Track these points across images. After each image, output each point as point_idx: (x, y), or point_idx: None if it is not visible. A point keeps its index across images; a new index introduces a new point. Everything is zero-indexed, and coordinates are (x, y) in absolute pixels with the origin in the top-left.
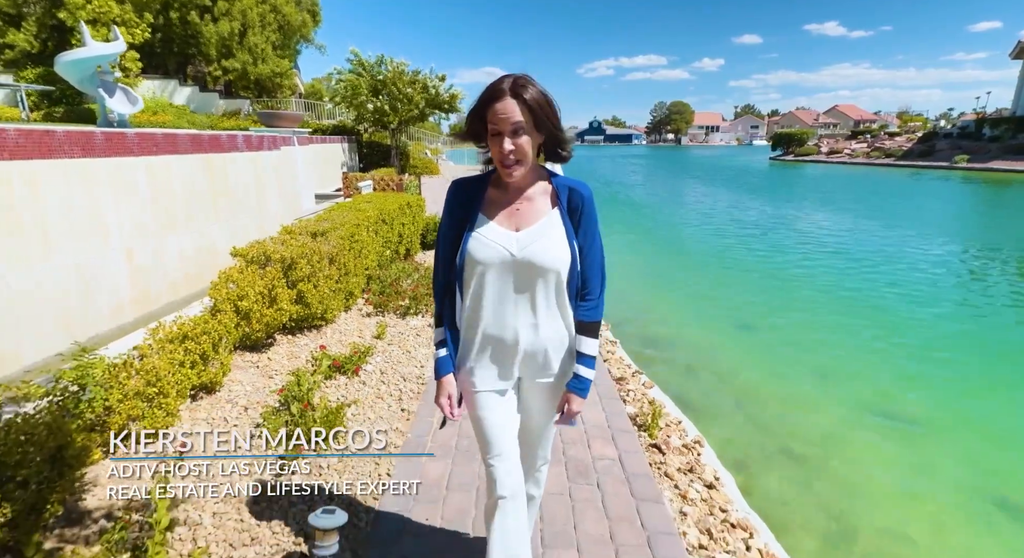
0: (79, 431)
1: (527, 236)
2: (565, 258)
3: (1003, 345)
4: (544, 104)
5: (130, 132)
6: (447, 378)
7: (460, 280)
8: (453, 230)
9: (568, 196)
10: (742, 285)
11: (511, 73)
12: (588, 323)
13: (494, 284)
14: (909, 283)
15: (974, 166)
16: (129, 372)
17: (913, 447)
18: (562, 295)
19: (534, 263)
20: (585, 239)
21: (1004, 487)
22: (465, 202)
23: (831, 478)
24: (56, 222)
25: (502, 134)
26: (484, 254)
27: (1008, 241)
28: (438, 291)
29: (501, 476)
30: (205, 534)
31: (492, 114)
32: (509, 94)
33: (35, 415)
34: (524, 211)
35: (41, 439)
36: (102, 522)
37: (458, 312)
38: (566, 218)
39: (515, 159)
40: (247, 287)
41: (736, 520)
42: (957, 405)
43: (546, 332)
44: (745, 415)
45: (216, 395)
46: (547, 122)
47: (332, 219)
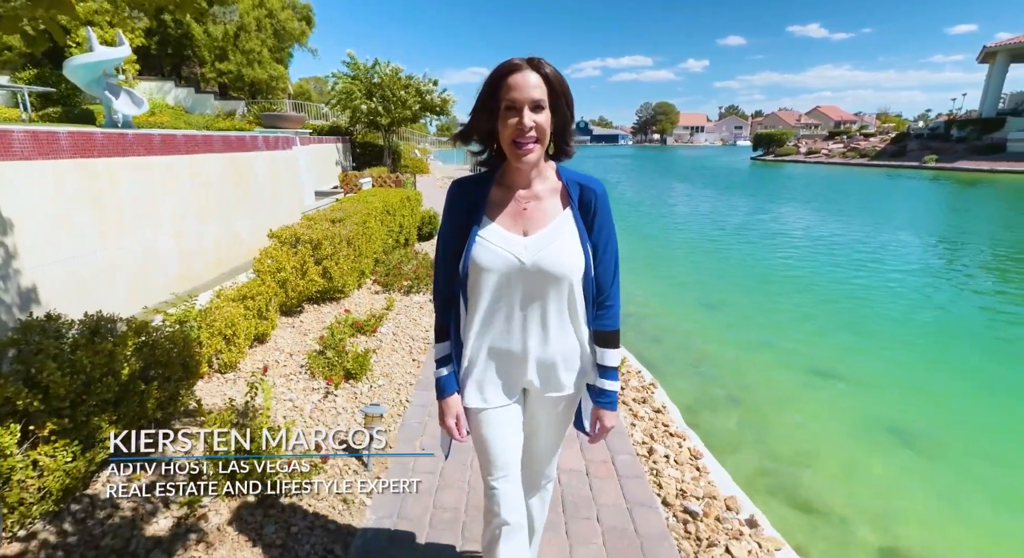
0: (194, 348)
1: (537, 241)
2: (579, 264)
3: (927, 319)
4: (563, 82)
5: (179, 134)
6: (452, 398)
7: (464, 290)
8: (455, 235)
9: (580, 193)
10: (709, 270)
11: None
12: (608, 332)
13: (501, 294)
14: (853, 267)
15: (942, 166)
16: (214, 316)
17: (834, 396)
18: (575, 304)
19: (545, 270)
20: (600, 240)
21: (901, 421)
22: (467, 204)
23: (760, 416)
24: (127, 210)
25: (519, 109)
26: (490, 262)
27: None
28: (440, 303)
29: (505, 500)
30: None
31: (507, 88)
32: (528, 67)
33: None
34: (532, 212)
35: (178, 349)
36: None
37: (462, 324)
38: (579, 218)
39: (534, 136)
40: (284, 262)
41: (675, 431)
42: (880, 366)
43: (558, 345)
44: (698, 373)
45: (267, 344)
46: (564, 104)
47: (345, 209)
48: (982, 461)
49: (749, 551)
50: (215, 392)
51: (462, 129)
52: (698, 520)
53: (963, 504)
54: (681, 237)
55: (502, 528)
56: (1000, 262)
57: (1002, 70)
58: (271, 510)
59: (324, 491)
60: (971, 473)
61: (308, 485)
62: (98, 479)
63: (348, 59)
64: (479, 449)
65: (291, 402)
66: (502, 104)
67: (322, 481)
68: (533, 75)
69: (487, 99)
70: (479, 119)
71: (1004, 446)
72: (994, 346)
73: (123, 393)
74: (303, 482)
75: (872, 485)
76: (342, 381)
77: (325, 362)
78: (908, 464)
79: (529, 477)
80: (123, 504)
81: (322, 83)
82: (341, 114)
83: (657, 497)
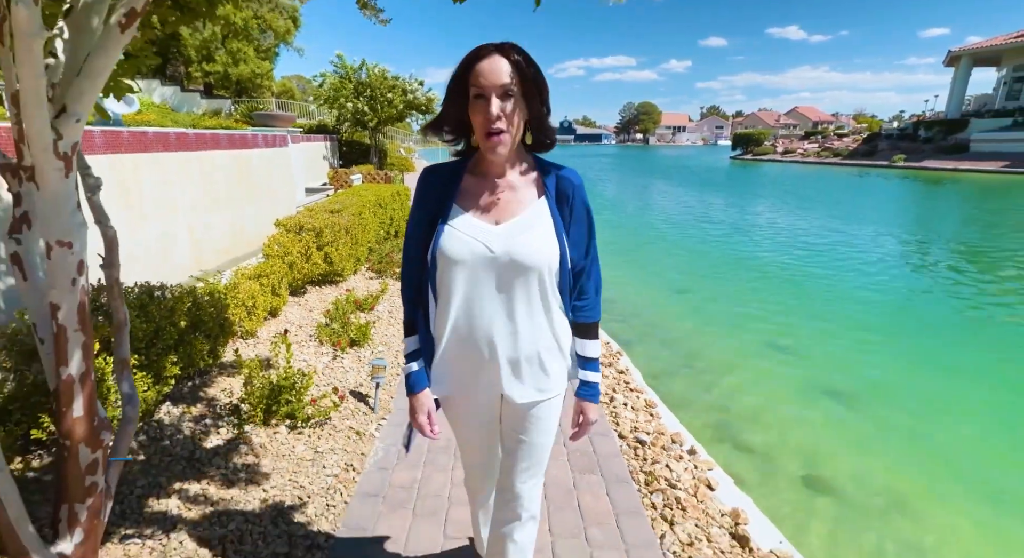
0: (228, 312)
1: (509, 230)
2: (552, 254)
3: (876, 300)
4: (536, 72)
5: (191, 132)
6: (423, 394)
7: (433, 281)
8: (424, 224)
9: (556, 183)
10: (680, 259)
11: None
12: (587, 324)
13: (471, 285)
14: (812, 255)
15: (910, 165)
16: (237, 290)
17: (782, 365)
18: (548, 296)
19: (517, 260)
20: (577, 231)
21: (836, 385)
22: (438, 192)
23: (714, 380)
24: (149, 200)
25: (488, 97)
26: (459, 251)
27: (908, 224)
28: (408, 295)
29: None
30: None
31: (476, 75)
32: (498, 53)
33: (206, 300)
34: (506, 201)
35: (216, 311)
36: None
37: (432, 317)
38: (555, 209)
39: (502, 127)
40: (290, 247)
41: (634, 387)
42: (826, 341)
43: (531, 338)
44: (663, 346)
45: (279, 318)
46: (536, 94)
47: (341, 201)
48: (900, 413)
49: (685, 468)
50: (241, 352)
51: (432, 119)
52: (646, 447)
53: (876, 445)
54: (656, 228)
55: (480, 512)
56: (954, 254)
57: (966, 73)
58: (300, 436)
59: (341, 425)
60: (888, 422)
61: (328, 420)
62: (159, 411)
63: (336, 60)
64: (460, 441)
65: (305, 362)
66: (471, 91)
67: (338, 419)
68: (503, 61)
69: (455, 86)
70: (449, 107)
71: (922, 403)
72: (932, 323)
73: (180, 341)
74: (324, 419)
75: (802, 432)
76: (347, 347)
77: (331, 332)
78: (836, 416)
79: (506, 504)
80: (183, 427)
81: (305, 81)
82: (328, 113)
83: (614, 431)
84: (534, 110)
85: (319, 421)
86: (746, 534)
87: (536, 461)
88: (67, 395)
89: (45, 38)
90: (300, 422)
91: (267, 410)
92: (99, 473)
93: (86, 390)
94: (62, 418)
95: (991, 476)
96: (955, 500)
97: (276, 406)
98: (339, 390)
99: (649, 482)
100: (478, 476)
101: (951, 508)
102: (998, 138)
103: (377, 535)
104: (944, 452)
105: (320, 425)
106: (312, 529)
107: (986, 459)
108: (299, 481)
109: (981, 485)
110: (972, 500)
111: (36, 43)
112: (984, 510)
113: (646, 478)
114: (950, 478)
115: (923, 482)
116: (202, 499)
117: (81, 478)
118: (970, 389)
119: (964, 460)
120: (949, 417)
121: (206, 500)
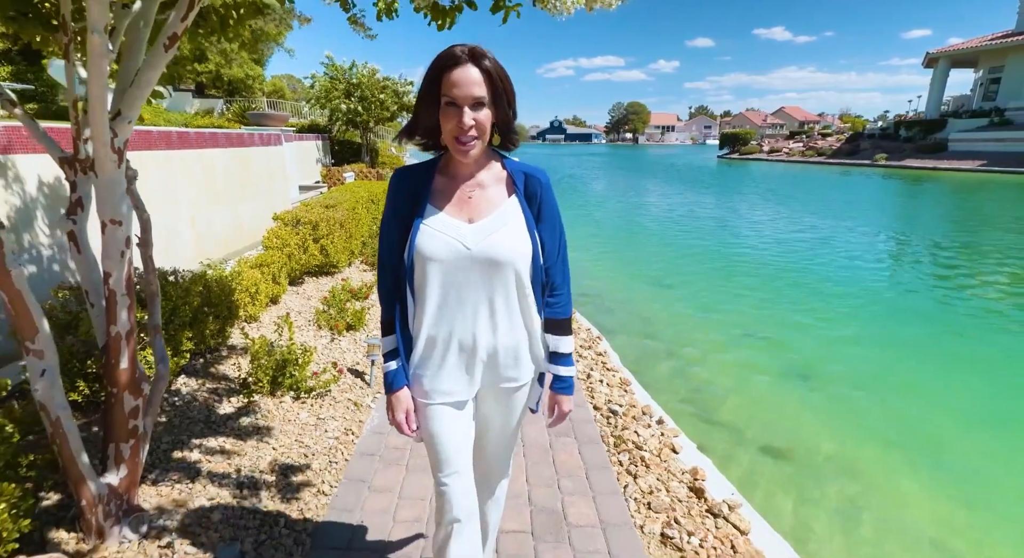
0: (235, 295)
1: (482, 228)
2: (525, 250)
3: (849, 290)
4: (504, 77)
5: (192, 131)
6: (401, 392)
7: (411, 281)
8: (399, 225)
9: (525, 182)
10: (664, 253)
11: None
12: (559, 320)
13: (447, 282)
14: (791, 250)
15: (891, 164)
16: (242, 277)
17: (756, 351)
18: (523, 291)
19: (491, 257)
20: (546, 228)
21: (805, 368)
22: (410, 192)
23: (690, 365)
24: (154, 197)
25: (460, 107)
26: (435, 249)
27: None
28: (385, 294)
29: (456, 497)
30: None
31: (448, 83)
32: (469, 61)
33: (216, 283)
34: (477, 200)
35: (224, 294)
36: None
37: (410, 316)
38: (525, 206)
39: (475, 135)
40: (288, 239)
41: (611, 367)
42: (799, 329)
43: (507, 333)
44: (644, 334)
45: (279, 305)
46: (504, 98)
47: (335, 197)
48: (860, 391)
49: (652, 434)
50: (247, 332)
51: (406, 126)
52: (618, 417)
53: (837, 421)
54: (641, 224)
55: (453, 526)
56: (930, 248)
57: (944, 75)
58: (304, 405)
59: (340, 397)
60: (851, 401)
61: (328, 392)
62: (176, 382)
63: (326, 61)
64: (429, 445)
65: (305, 343)
66: (443, 99)
67: (337, 392)
68: (474, 70)
69: (427, 90)
70: (421, 112)
71: (882, 380)
72: (900, 312)
73: (194, 319)
74: (324, 391)
75: (767, 408)
76: (344, 331)
77: (329, 317)
78: (803, 397)
79: (482, 477)
80: (199, 396)
81: (295, 81)
82: (320, 113)
83: (589, 403)
84: (502, 114)
85: (320, 393)
86: (702, 488)
87: (507, 443)
88: (116, 349)
89: (111, 58)
90: (303, 393)
91: (273, 381)
92: (140, 418)
93: (130, 346)
94: (111, 369)
95: (937, 445)
96: (900, 466)
97: (281, 378)
98: (338, 365)
99: (618, 444)
100: (455, 486)
101: (895, 471)
102: (975, 138)
103: (375, 485)
104: (898, 426)
105: (321, 396)
106: (317, 480)
107: (934, 431)
108: (304, 441)
109: (928, 454)
110: (917, 466)
111: (104, 62)
112: (926, 473)
113: (615, 441)
114: (900, 448)
115: (874, 451)
116: (219, 453)
117: (125, 421)
118: (931, 372)
119: (913, 432)
120: (911, 397)
121: (223, 454)
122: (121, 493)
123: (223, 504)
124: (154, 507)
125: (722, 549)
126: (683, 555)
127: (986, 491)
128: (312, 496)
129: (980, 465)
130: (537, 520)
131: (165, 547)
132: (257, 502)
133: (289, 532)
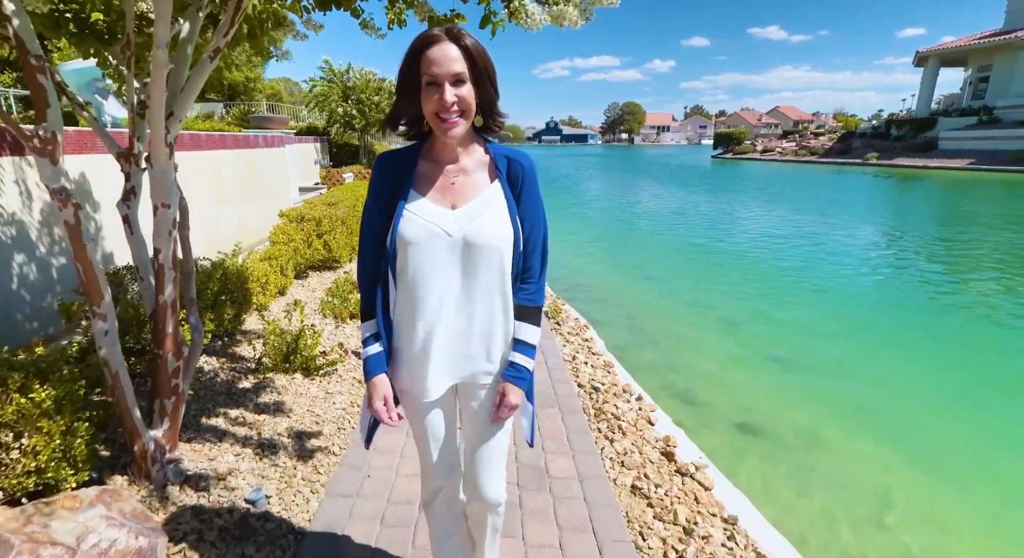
0: (249, 283)
1: (465, 213)
2: (508, 236)
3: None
4: (484, 55)
5: (202, 134)
6: (380, 378)
7: (393, 267)
8: (381, 211)
9: (508, 166)
10: (654, 248)
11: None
12: (529, 308)
13: (430, 269)
14: (778, 246)
15: (882, 162)
16: (253, 268)
17: (737, 339)
18: (505, 278)
19: (474, 243)
20: (527, 215)
21: (784, 354)
22: (393, 179)
23: (673, 352)
24: None
25: (441, 84)
26: (417, 235)
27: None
28: (365, 281)
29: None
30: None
31: (427, 62)
32: (448, 39)
33: (233, 271)
34: (460, 186)
35: (240, 281)
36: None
37: (392, 303)
38: (507, 191)
39: (458, 110)
40: (293, 234)
41: (596, 351)
42: (779, 319)
43: (489, 318)
44: (630, 324)
45: (286, 296)
46: (486, 76)
47: (336, 196)
48: (834, 378)
49: (631, 408)
50: (258, 320)
51: (388, 115)
52: (600, 393)
53: (810, 402)
54: (632, 222)
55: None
56: (916, 244)
57: (934, 73)
58: (313, 381)
59: (346, 376)
60: (824, 384)
61: (335, 371)
62: (199, 360)
63: (323, 65)
64: (417, 439)
65: (314, 325)
66: (423, 79)
67: (343, 371)
68: (452, 47)
69: (406, 76)
70: (402, 99)
71: (851, 367)
72: (878, 302)
73: (214, 303)
74: (332, 369)
75: (743, 390)
76: (348, 318)
77: (333, 306)
78: (779, 379)
79: (473, 498)
80: (220, 373)
81: (293, 84)
82: (318, 116)
83: (574, 381)
84: (485, 93)
85: (328, 371)
86: (673, 452)
87: (496, 447)
88: (162, 315)
89: (169, 69)
90: (313, 371)
91: (285, 359)
92: (180, 378)
93: (174, 314)
94: (158, 334)
95: (903, 424)
96: (865, 441)
97: (293, 357)
98: (343, 345)
99: (598, 415)
100: (441, 471)
101: (858, 446)
102: (964, 136)
103: (378, 447)
104: (866, 406)
105: (329, 374)
106: (328, 443)
107: (901, 410)
108: (315, 411)
109: (893, 430)
110: (882, 441)
111: (164, 72)
112: (890, 449)
113: (595, 412)
114: (867, 426)
115: (841, 428)
116: (241, 420)
117: (168, 380)
118: (904, 358)
119: (881, 412)
120: (883, 382)
121: (244, 421)
122: (164, 444)
123: (248, 459)
124: (190, 459)
125: (686, 499)
126: (650, 502)
127: (937, 458)
128: (324, 456)
129: (937, 442)
130: (523, 474)
131: (201, 490)
132: (277, 459)
133: (306, 483)
